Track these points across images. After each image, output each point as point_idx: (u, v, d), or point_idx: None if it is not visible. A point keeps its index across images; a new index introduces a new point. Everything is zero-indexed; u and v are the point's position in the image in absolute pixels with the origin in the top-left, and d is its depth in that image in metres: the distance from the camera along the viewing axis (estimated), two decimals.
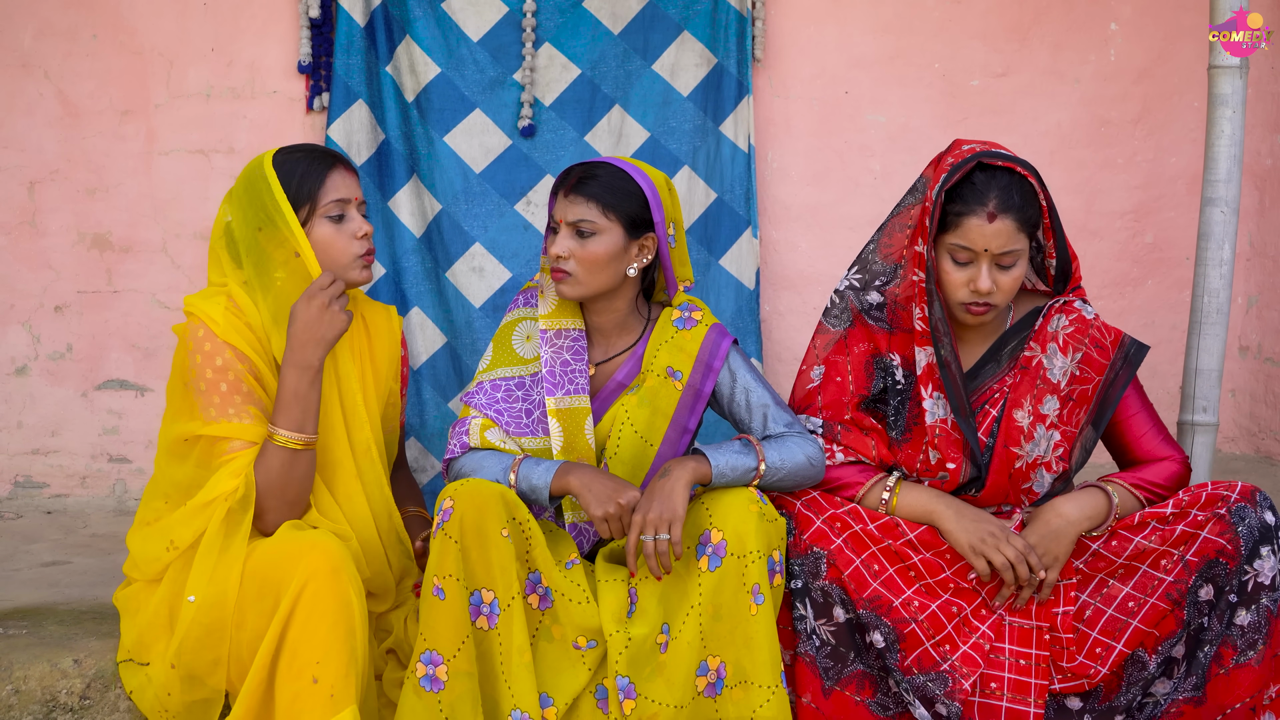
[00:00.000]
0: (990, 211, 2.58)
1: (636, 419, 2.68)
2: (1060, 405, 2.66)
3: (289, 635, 2.37)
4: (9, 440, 3.82)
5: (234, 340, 2.55)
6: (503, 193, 3.75)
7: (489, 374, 2.71)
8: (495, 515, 2.45)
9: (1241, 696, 2.53)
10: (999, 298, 2.62)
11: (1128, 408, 2.73)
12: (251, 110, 3.78)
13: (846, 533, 2.58)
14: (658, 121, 3.78)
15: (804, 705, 2.57)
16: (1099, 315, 2.72)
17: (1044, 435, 2.66)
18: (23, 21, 3.74)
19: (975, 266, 2.60)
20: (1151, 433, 2.73)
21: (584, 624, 2.50)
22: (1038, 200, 2.63)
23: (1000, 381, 2.70)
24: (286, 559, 2.41)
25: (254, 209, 2.58)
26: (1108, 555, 2.61)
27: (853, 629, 2.57)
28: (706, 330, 2.71)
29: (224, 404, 2.52)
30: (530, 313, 2.75)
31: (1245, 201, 3.93)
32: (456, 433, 2.68)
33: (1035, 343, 2.68)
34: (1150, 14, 3.97)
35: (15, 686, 2.63)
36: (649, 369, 2.71)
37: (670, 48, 3.77)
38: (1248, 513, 2.53)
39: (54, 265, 3.80)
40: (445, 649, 2.41)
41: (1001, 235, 2.58)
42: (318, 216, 2.60)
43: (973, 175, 2.60)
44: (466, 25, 3.75)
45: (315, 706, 2.33)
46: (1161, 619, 2.54)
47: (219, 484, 2.49)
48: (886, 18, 3.92)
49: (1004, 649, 2.57)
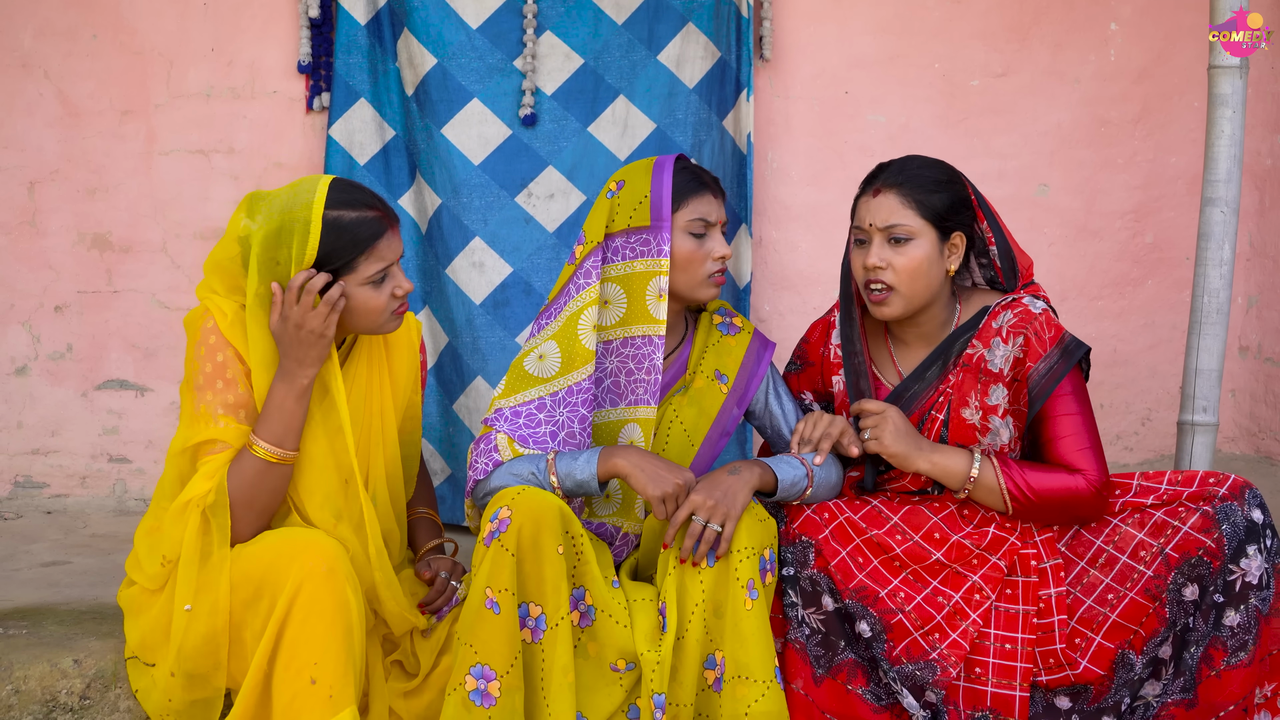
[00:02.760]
0: (876, 187, 2.63)
1: (685, 418, 2.70)
2: (1008, 390, 2.63)
3: (286, 635, 2.35)
4: (9, 440, 3.82)
5: (235, 340, 2.51)
6: (502, 184, 3.70)
7: (506, 400, 2.62)
8: (552, 530, 2.41)
9: (1233, 698, 2.52)
10: (892, 276, 2.61)
11: (1058, 406, 2.62)
12: (252, 110, 3.78)
13: (834, 523, 2.60)
14: (664, 112, 3.74)
15: (795, 693, 2.57)
16: (1048, 311, 2.66)
17: (1000, 424, 2.63)
18: (23, 21, 3.74)
19: (868, 245, 2.63)
20: (1074, 438, 2.60)
21: (624, 646, 2.48)
22: (950, 189, 2.63)
23: (945, 382, 2.67)
24: (282, 558, 2.39)
25: (282, 247, 2.46)
26: (1087, 536, 2.60)
27: (842, 618, 2.58)
28: (750, 337, 2.77)
29: (215, 402, 2.49)
30: (550, 330, 2.64)
31: (1245, 201, 3.93)
32: (481, 451, 2.59)
33: (978, 340, 2.65)
34: (1150, 14, 3.97)
35: (15, 686, 2.63)
36: (696, 370, 2.72)
37: (675, 38, 3.74)
38: (1233, 511, 2.52)
39: (54, 265, 3.80)
40: (499, 665, 2.37)
41: (884, 208, 2.61)
42: (357, 284, 2.48)
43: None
44: (466, 13, 3.70)
45: (313, 707, 2.32)
46: (1144, 616, 2.53)
47: (193, 487, 2.46)
48: (886, 18, 3.91)
49: (989, 634, 2.57)
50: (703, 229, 2.62)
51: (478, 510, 2.61)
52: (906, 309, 2.64)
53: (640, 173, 2.64)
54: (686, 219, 2.61)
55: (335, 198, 2.47)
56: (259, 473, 2.45)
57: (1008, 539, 2.61)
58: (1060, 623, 2.55)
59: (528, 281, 3.68)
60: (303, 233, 2.43)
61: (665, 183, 2.60)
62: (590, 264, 2.61)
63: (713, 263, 2.63)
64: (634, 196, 2.61)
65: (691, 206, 2.61)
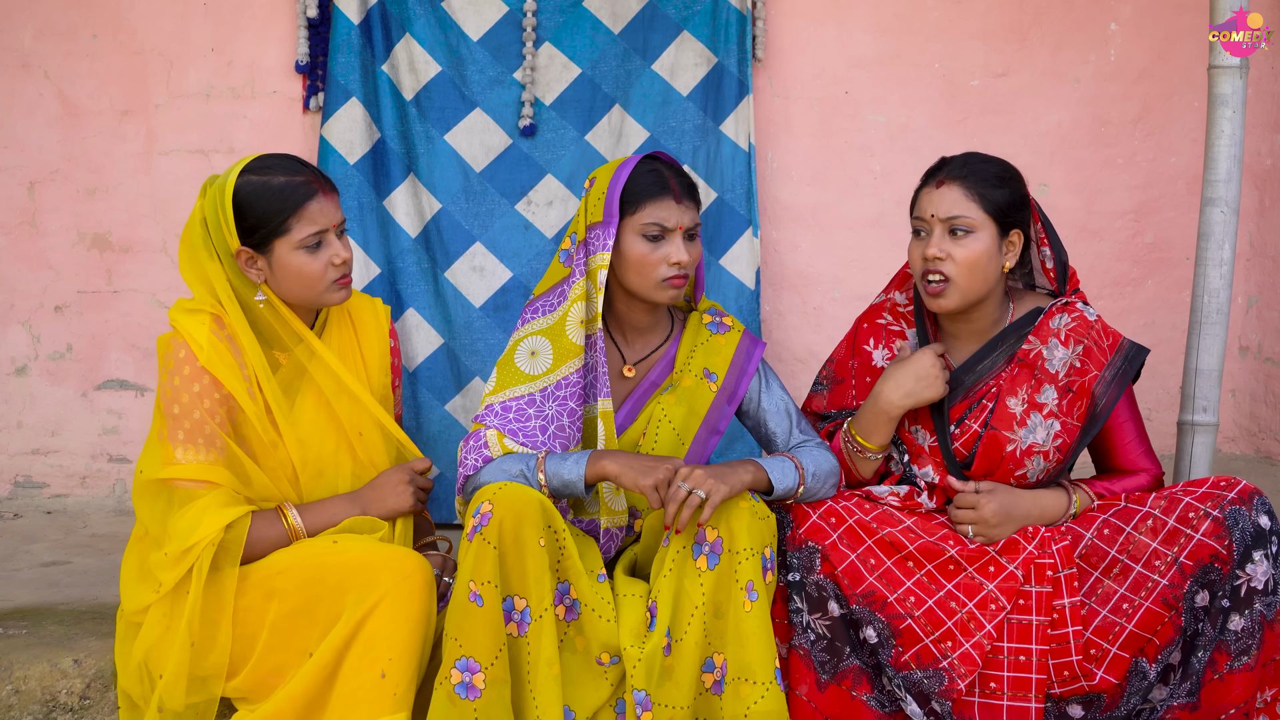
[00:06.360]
0: (940, 179, 2.65)
1: (674, 416, 2.69)
2: (1059, 396, 2.66)
3: (366, 627, 2.37)
4: (9, 440, 3.82)
5: (215, 368, 2.52)
6: (503, 191, 3.75)
7: (496, 396, 2.65)
8: (534, 523, 2.43)
9: (1236, 702, 2.52)
10: (951, 268, 2.62)
11: (1119, 414, 2.73)
12: (251, 110, 3.78)
13: (842, 526, 2.58)
14: (657, 121, 3.77)
15: (798, 699, 2.57)
16: (1101, 318, 2.73)
17: (1041, 423, 2.65)
18: (23, 21, 3.74)
19: (928, 237, 2.64)
20: (1134, 443, 2.74)
21: (608, 641, 2.49)
22: (1012, 186, 2.66)
23: (997, 377, 2.70)
24: (374, 560, 2.42)
25: (218, 215, 2.54)
26: (1101, 545, 2.60)
27: (847, 624, 2.57)
28: (740, 336, 2.76)
29: (189, 437, 2.49)
30: (538, 325, 2.69)
31: (1245, 201, 3.93)
32: (470, 448, 2.60)
33: (1035, 337, 2.69)
34: (1150, 14, 3.97)
35: (15, 686, 2.63)
36: (684, 369, 2.72)
37: (670, 47, 3.77)
38: (1242, 516, 2.52)
39: (54, 265, 3.80)
40: (483, 657, 2.39)
41: (947, 199, 2.63)
42: (291, 248, 2.54)
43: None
44: (466, 24, 3.75)
45: (377, 699, 2.34)
46: (1159, 625, 2.52)
47: (198, 529, 2.44)
48: (886, 18, 3.91)
49: (1003, 647, 2.56)
50: (658, 232, 2.60)
51: (467, 506, 2.63)
52: (963, 302, 2.66)
53: (608, 170, 2.66)
54: (641, 221, 2.61)
55: (261, 164, 2.58)
56: (278, 539, 2.52)
57: (1023, 545, 2.60)
58: (1075, 634, 2.54)
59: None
60: (224, 196, 2.53)
61: (619, 181, 2.61)
62: (578, 258, 2.64)
63: (667, 267, 2.61)
64: (598, 192, 2.64)
65: (648, 210, 2.61)
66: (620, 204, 2.61)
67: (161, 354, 2.55)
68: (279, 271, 2.56)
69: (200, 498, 2.47)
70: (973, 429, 2.69)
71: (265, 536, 2.50)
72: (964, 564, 2.59)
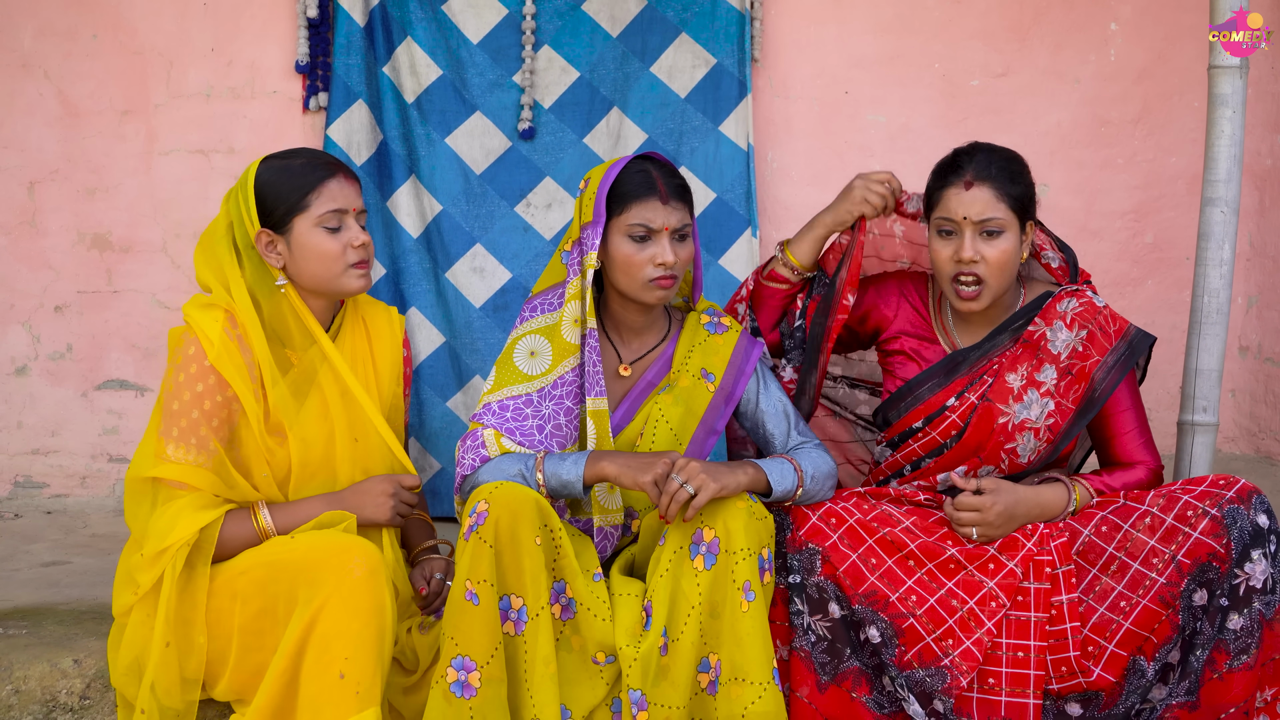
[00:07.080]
0: (968, 179, 2.64)
1: (671, 416, 2.69)
2: (1059, 377, 2.68)
3: (318, 628, 2.35)
4: (9, 440, 3.82)
5: (223, 367, 2.52)
6: (502, 194, 3.76)
7: (494, 395, 2.66)
8: (529, 522, 2.43)
9: (1235, 701, 2.52)
10: (984, 269, 2.64)
11: (1119, 402, 2.74)
12: (251, 110, 3.78)
13: (843, 527, 2.59)
14: (656, 123, 3.78)
15: (799, 700, 2.57)
16: (1109, 307, 2.75)
17: (1036, 400, 2.68)
18: (23, 21, 3.74)
19: (959, 238, 2.64)
20: (1135, 433, 2.75)
21: (604, 640, 2.49)
22: (1025, 178, 2.69)
23: (1002, 354, 2.73)
24: (321, 555, 2.40)
25: (239, 204, 2.58)
26: (1099, 543, 2.60)
27: (848, 625, 2.57)
28: (739, 336, 2.76)
29: (182, 436, 2.49)
30: (536, 324, 2.69)
31: (1245, 201, 3.92)
32: (468, 448, 2.60)
33: (1041, 319, 2.71)
34: (1150, 14, 3.97)
35: (15, 686, 2.63)
36: (681, 369, 2.72)
37: (668, 50, 3.78)
38: (1240, 514, 2.52)
39: (54, 265, 3.80)
40: (479, 655, 2.39)
41: (979, 201, 2.63)
42: (310, 225, 2.57)
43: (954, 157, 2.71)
44: (466, 27, 3.75)
45: (340, 701, 2.32)
46: (1156, 623, 2.52)
47: (173, 531, 2.45)
48: (886, 18, 3.92)
49: (1002, 643, 2.56)
50: (644, 233, 2.61)
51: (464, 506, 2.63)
52: (992, 300, 2.69)
53: (601, 171, 2.67)
54: (627, 222, 2.61)
55: (284, 152, 2.67)
56: (249, 539, 2.51)
57: (1022, 542, 2.61)
58: (1073, 630, 2.54)
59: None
60: (246, 182, 2.59)
61: (608, 181, 2.63)
62: (574, 258, 2.65)
63: (653, 268, 2.61)
64: (589, 192, 2.65)
65: (634, 210, 2.61)
66: (608, 204, 2.62)
67: (171, 347, 2.56)
68: (298, 252, 2.57)
69: (180, 498, 2.47)
70: (970, 400, 2.71)
71: (235, 536, 2.49)
72: (964, 562, 2.59)
